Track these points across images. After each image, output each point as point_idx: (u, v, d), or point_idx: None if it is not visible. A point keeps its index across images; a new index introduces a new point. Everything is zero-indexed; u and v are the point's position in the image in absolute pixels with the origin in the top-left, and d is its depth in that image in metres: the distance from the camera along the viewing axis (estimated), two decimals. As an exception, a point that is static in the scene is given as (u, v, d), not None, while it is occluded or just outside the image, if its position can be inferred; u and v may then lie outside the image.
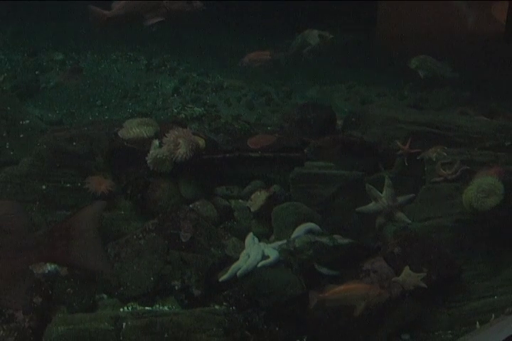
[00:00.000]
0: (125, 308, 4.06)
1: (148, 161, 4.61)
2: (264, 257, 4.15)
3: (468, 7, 6.99)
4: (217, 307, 4.04)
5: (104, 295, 4.15)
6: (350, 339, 4.03)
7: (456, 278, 4.29)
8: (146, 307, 4.07)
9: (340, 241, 4.13)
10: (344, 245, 4.13)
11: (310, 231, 4.33)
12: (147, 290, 4.13)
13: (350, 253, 4.15)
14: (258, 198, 4.67)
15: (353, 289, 3.84)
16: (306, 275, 4.11)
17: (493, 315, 4.11)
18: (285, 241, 4.20)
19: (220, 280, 4.10)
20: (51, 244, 2.45)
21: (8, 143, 5.16)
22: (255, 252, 4.16)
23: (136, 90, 6.71)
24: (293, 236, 4.31)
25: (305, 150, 4.81)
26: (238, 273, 4.07)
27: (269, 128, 5.45)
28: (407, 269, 4.07)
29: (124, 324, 3.74)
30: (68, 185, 4.67)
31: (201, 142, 4.74)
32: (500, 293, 4.31)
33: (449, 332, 4.16)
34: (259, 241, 4.37)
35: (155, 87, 6.80)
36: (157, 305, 4.09)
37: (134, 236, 4.32)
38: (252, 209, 4.67)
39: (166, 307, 4.07)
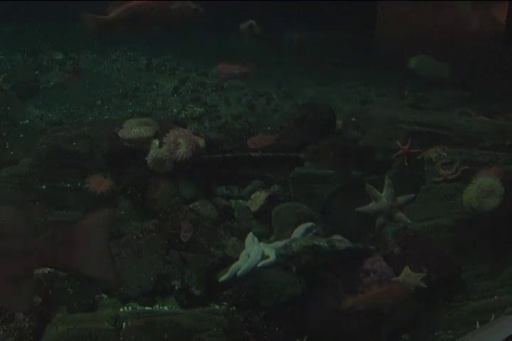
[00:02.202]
0: (125, 308, 4.05)
1: (148, 161, 4.61)
2: (264, 257, 4.15)
3: (468, 7, 6.99)
4: (217, 307, 4.04)
5: (104, 295, 4.15)
6: (350, 339, 4.03)
7: (456, 278, 4.29)
8: (146, 307, 4.07)
9: (338, 245, 4.13)
10: (342, 249, 4.12)
11: (309, 231, 4.33)
12: (147, 290, 4.13)
13: (348, 257, 4.14)
14: (258, 198, 4.67)
15: (386, 292, 3.87)
16: (306, 276, 4.11)
17: (493, 315, 4.11)
18: (283, 243, 4.19)
19: (220, 280, 4.10)
20: (53, 249, 2.43)
21: (8, 143, 5.16)
22: (255, 252, 4.16)
23: (136, 90, 6.71)
24: (293, 236, 4.31)
25: (302, 155, 4.81)
26: (238, 273, 4.07)
27: (269, 128, 5.45)
28: (407, 269, 4.08)
29: (124, 324, 3.74)
30: (68, 185, 4.66)
31: (201, 142, 4.75)
32: (500, 293, 4.31)
33: (449, 332, 4.16)
34: (259, 241, 4.37)
35: (155, 87, 6.80)
36: (157, 305, 4.09)
37: (134, 236, 4.32)
38: (252, 209, 4.68)
39: (166, 307, 4.07)
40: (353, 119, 5.33)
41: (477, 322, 4.10)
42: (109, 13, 4.47)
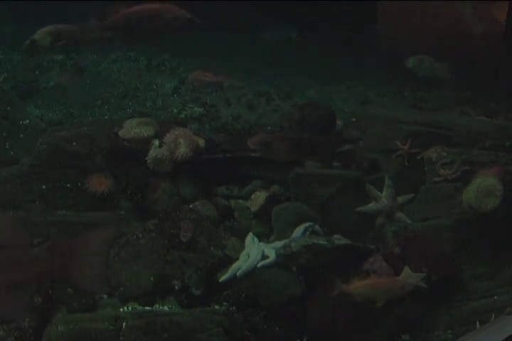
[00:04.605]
0: (125, 308, 4.05)
1: (148, 161, 4.61)
2: (264, 257, 4.14)
3: (468, 7, 6.98)
4: (217, 307, 4.04)
5: (104, 295, 4.15)
6: (350, 339, 4.02)
7: (456, 278, 4.29)
8: (146, 307, 4.07)
9: (337, 242, 4.13)
10: (342, 246, 4.12)
11: (309, 231, 4.32)
12: (147, 290, 4.13)
13: (348, 255, 4.14)
14: (258, 198, 4.67)
15: (378, 284, 3.86)
16: (306, 276, 4.11)
17: (493, 315, 4.11)
18: (283, 243, 4.19)
19: (220, 280, 4.10)
20: (51, 260, 2.45)
21: (8, 143, 5.16)
22: (255, 252, 4.16)
23: (136, 90, 6.70)
24: (293, 236, 4.31)
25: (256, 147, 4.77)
26: (238, 273, 4.07)
27: (269, 128, 5.45)
28: (407, 269, 4.07)
29: (124, 324, 3.74)
30: (68, 185, 4.66)
31: (201, 142, 4.75)
32: (500, 293, 4.30)
33: (449, 332, 4.15)
34: (259, 241, 4.37)
35: (155, 87, 6.80)
36: (157, 305, 4.09)
37: (134, 236, 4.32)
38: (252, 209, 4.67)
39: (166, 307, 4.07)
40: (353, 119, 5.34)
41: (477, 322, 4.10)
42: (106, 18, 4.53)
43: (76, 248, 2.50)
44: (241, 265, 4.11)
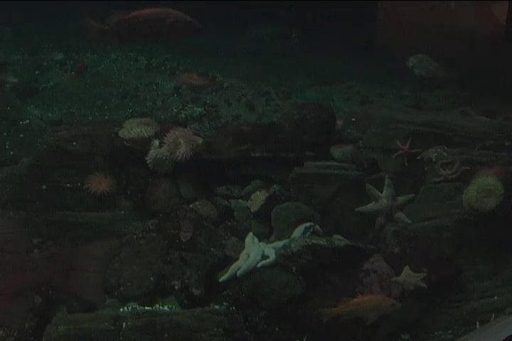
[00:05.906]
0: (125, 308, 4.06)
1: (148, 161, 4.61)
2: (264, 257, 4.14)
3: (468, 7, 6.99)
4: (217, 307, 4.04)
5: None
6: (350, 339, 4.02)
7: (456, 278, 4.29)
8: (146, 307, 4.07)
9: (337, 243, 4.12)
10: (342, 246, 4.12)
11: (309, 231, 4.32)
12: (147, 290, 4.13)
13: (348, 255, 4.14)
14: (258, 198, 4.67)
15: (367, 302, 3.84)
16: (306, 276, 4.11)
17: (493, 315, 4.11)
18: (282, 243, 4.18)
19: (220, 280, 4.10)
20: (51, 268, 2.45)
21: (8, 143, 5.16)
22: (255, 252, 4.16)
23: (136, 90, 6.71)
24: (293, 236, 4.31)
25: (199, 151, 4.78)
26: (238, 273, 4.07)
27: (269, 128, 5.44)
28: (407, 269, 4.08)
29: (124, 324, 3.74)
30: (68, 185, 4.66)
31: (201, 142, 4.74)
32: (500, 293, 4.31)
33: (449, 332, 4.16)
34: (259, 241, 4.37)
35: (155, 87, 6.80)
36: (157, 305, 4.09)
37: (134, 236, 4.32)
38: (252, 209, 4.67)
39: (166, 307, 4.07)
40: (353, 119, 5.34)
41: (477, 322, 4.10)
42: (107, 23, 4.55)
43: (76, 259, 2.51)
44: (241, 265, 4.10)
